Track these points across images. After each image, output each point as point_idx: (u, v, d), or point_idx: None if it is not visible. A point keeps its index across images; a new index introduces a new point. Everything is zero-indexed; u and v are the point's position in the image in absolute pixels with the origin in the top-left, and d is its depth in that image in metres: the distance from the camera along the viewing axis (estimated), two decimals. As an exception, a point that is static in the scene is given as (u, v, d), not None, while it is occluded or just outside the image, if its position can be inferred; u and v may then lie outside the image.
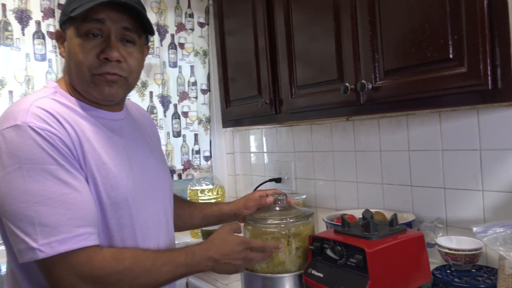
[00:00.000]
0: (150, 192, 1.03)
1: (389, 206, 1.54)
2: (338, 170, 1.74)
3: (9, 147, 0.83)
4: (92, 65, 0.92)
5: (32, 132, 0.84)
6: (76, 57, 0.93)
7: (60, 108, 0.91)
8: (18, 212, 0.82)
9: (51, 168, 0.84)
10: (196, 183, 2.07)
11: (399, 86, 1.09)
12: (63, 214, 0.83)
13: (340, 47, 1.25)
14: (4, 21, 1.71)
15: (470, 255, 1.12)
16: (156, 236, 1.03)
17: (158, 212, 1.05)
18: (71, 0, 0.94)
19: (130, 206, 0.95)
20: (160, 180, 1.09)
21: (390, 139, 1.52)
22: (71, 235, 0.83)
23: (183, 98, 2.19)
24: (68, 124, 0.89)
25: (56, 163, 0.85)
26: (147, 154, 1.08)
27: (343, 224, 1.12)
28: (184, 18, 2.19)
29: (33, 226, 0.81)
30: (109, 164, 0.93)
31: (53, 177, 0.84)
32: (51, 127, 0.86)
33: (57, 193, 0.83)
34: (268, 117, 1.61)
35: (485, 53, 0.91)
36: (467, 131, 1.28)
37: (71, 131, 0.89)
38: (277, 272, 1.14)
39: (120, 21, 0.93)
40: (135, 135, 1.07)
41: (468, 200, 1.30)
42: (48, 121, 0.87)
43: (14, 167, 0.82)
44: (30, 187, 0.82)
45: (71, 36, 0.93)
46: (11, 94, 1.72)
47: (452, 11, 0.95)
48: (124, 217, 0.95)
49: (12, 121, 0.85)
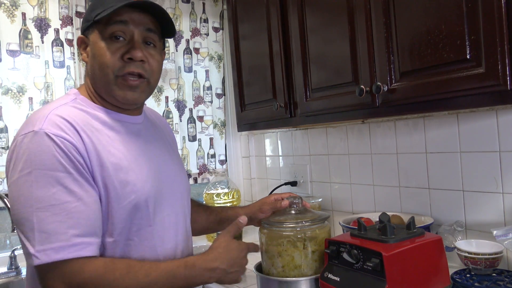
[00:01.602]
0: (168, 194, 1.04)
1: (407, 209, 1.52)
2: (354, 173, 1.73)
3: (25, 152, 0.85)
4: (116, 67, 0.94)
5: (47, 139, 0.85)
6: (100, 60, 0.95)
7: (78, 115, 0.93)
8: (22, 217, 0.84)
9: (59, 175, 0.85)
10: (211, 187, 2.08)
11: (415, 88, 1.08)
12: (63, 222, 0.83)
13: (355, 49, 1.24)
14: (24, 30, 1.76)
15: (490, 259, 1.10)
16: (174, 237, 1.04)
17: (176, 213, 1.06)
18: (94, 7, 0.97)
19: (149, 208, 0.96)
20: (178, 182, 1.10)
21: (407, 141, 1.50)
22: (67, 244, 0.83)
23: (199, 102, 2.21)
24: (84, 132, 0.91)
25: (65, 171, 0.86)
26: (165, 157, 1.09)
27: (360, 227, 1.11)
28: (199, 23, 2.21)
29: (32, 232, 0.83)
30: (127, 168, 0.94)
31: (59, 185, 0.85)
32: (66, 134, 0.88)
33: (60, 200, 0.84)
34: (283, 120, 1.61)
35: (503, 53, 0.89)
36: (486, 133, 1.26)
37: (86, 139, 0.90)
38: (293, 276, 1.14)
39: (142, 23, 0.96)
40: (153, 138, 1.09)
41: (487, 202, 1.27)
42: (64, 128, 0.88)
43: (25, 172, 0.84)
44: (35, 193, 0.83)
45: (95, 40, 0.96)
46: (31, 101, 1.76)
47: (469, 11, 0.94)
48: (143, 218, 0.96)
49: (31, 127, 0.88)
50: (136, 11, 0.96)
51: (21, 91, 1.74)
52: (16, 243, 1.79)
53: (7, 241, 1.86)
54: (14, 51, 1.73)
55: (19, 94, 1.74)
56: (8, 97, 1.72)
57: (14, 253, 1.70)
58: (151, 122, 1.14)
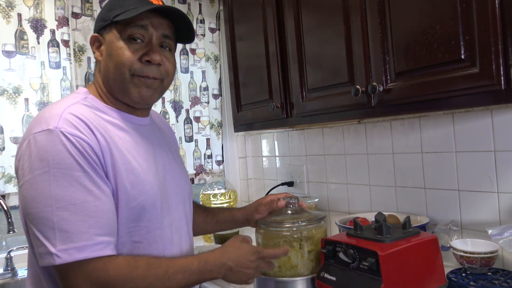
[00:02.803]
0: (173, 196, 1.05)
1: (403, 209, 1.52)
2: (350, 173, 1.73)
3: (40, 151, 0.85)
4: (133, 66, 0.95)
5: (63, 137, 0.85)
6: (117, 59, 0.96)
7: (90, 115, 0.93)
8: (41, 216, 0.83)
9: (76, 174, 0.85)
10: (208, 187, 2.08)
11: (410, 88, 1.09)
12: (84, 221, 0.84)
13: (351, 49, 1.25)
14: (20, 30, 1.75)
15: (485, 258, 1.11)
16: (179, 240, 1.05)
17: (180, 216, 1.08)
18: (112, 7, 0.97)
19: (157, 210, 0.97)
20: (181, 185, 1.11)
21: (403, 141, 1.51)
22: (90, 243, 0.83)
23: (195, 103, 2.21)
24: (98, 131, 0.91)
25: (82, 170, 0.86)
26: (170, 159, 1.10)
27: (356, 227, 1.12)
28: (195, 24, 2.21)
29: (53, 231, 0.82)
30: (138, 169, 0.95)
31: (78, 184, 0.85)
32: (82, 134, 0.87)
33: (80, 199, 0.84)
34: (280, 121, 1.61)
35: (498, 53, 0.90)
36: (481, 132, 1.27)
37: (100, 138, 0.90)
38: (289, 276, 1.14)
39: (161, 27, 0.98)
40: (158, 141, 1.09)
41: (483, 202, 1.28)
42: (79, 127, 0.88)
43: (42, 171, 0.84)
44: (54, 192, 0.83)
45: (111, 39, 0.97)
46: (27, 102, 1.75)
47: (463, 12, 0.95)
48: (152, 221, 0.96)
49: (45, 125, 0.86)
50: (156, 16, 0.97)
51: (17, 92, 1.74)
52: (12, 245, 1.79)
53: (3, 242, 1.85)
54: (10, 52, 1.73)
55: (15, 95, 1.74)
56: (4, 98, 1.71)
57: (10, 254, 1.69)
58: (156, 124, 1.15)
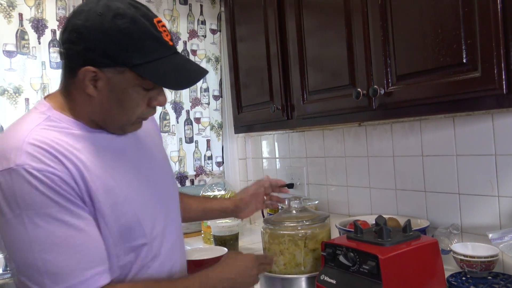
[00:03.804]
0: (160, 205, 1.00)
1: (403, 212, 1.52)
2: (350, 176, 1.73)
3: (5, 192, 0.78)
4: (142, 113, 0.91)
5: (28, 176, 0.77)
6: (129, 107, 0.88)
7: (56, 138, 0.84)
8: (24, 262, 0.79)
9: (52, 211, 0.79)
10: (208, 188, 2.08)
11: (411, 91, 1.08)
12: (71, 258, 0.79)
13: (352, 52, 1.25)
14: (21, 30, 1.75)
15: (486, 262, 1.10)
16: (170, 247, 1.00)
17: (170, 222, 1.02)
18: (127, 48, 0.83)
19: (143, 226, 0.92)
20: (168, 189, 1.06)
21: (403, 144, 1.51)
22: (82, 279, 0.80)
23: (196, 104, 2.21)
24: (65, 158, 0.82)
25: (57, 205, 0.79)
26: (153, 164, 1.03)
27: (356, 230, 1.11)
28: (196, 25, 2.21)
29: (41, 276, 0.78)
30: (116, 189, 0.88)
31: (56, 221, 0.79)
32: (49, 166, 0.79)
33: (62, 237, 0.79)
34: (280, 122, 1.61)
35: (499, 57, 0.89)
36: (482, 136, 1.27)
37: (70, 165, 0.82)
38: (294, 273, 1.19)
39: None
40: (138, 147, 1.01)
41: (483, 206, 1.28)
42: (44, 159, 0.79)
43: (14, 215, 0.78)
44: (33, 235, 0.78)
45: (120, 82, 0.85)
46: (27, 102, 1.75)
47: (465, 15, 0.95)
48: (139, 239, 0.91)
49: (5, 163, 0.78)
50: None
51: (17, 92, 1.74)
52: (11, 245, 1.78)
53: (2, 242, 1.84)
54: (11, 52, 1.73)
55: (15, 95, 1.74)
56: (5, 98, 1.71)
57: (9, 254, 1.69)
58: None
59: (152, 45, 0.84)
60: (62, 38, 0.87)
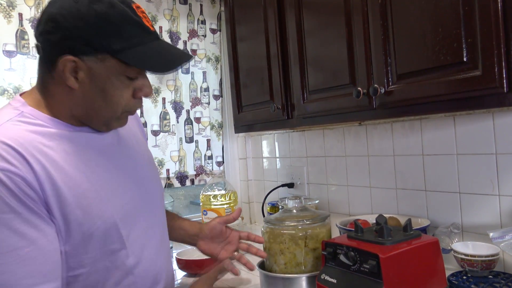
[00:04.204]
0: (142, 206, 0.95)
1: (403, 211, 1.52)
2: (351, 175, 1.73)
3: None
4: (128, 105, 0.87)
5: None
6: (113, 98, 0.84)
7: (26, 136, 0.79)
8: None
9: (5, 217, 0.72)
10: (208, 188, 2.07)
11: (412, 90, 1.08)
12: (14, 272, 0.72)
13: (352, 51, 1.24)
14: (21, 30, 1.75)
15: (487, 261, 1.10)
16: (155, 254, 0.96)
17: (152, 225, 0.97)
18: (106, 33, 0.79)
19: (120, 229, 0.87)
20: (152, 190, 1.01)
21: (404, 144, 1.51)
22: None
23: (196, 104, 2.20)
24: (34, 158, 0.77)
25: (11, 211, 0.73)
26: (136, 164, 0.99)
27: (357, 229, 1.11)
28: (196, 24, 2.21)
29: None
30: (90, 190, 0.83)
31: (6, 229, 0.72)
32: (13, 166, 0.74)
33: (10, 247, 0.73)
34: (280, 122, 1.61)
35: (500, 56, 0.89)
36: (482, 135, 1.26)
37: (37, 167, 0.77)
38: (295, 273, 1.19)
39: None
40: (121, 146, 0.97)
41: (484, 205, 1.28)
42: (9, 157, 0.74)
43: None
44: None
45: (102, 72, 0.81)
46: (27, 102, 1.75)
47: (466, 14, 0.94)
48: (115, 243, 0.86)
49: None
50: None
51: (17, 92, 1.73)
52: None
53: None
54: (11, 52, 1.73)
55: (15, 95, 1.73)
56: (4, 98, 1.71)
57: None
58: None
59: (132, 30, 0.81)
60: (38, 31, 0.82)
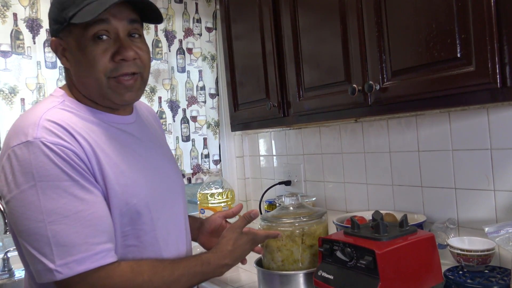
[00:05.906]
0: (167, 195, 1.02)
1: (400, 207, 1.53)
2: (347, 172, 1.74)
3: (22, 164, 0.81)
4: (107, 69, 0.88)
5: (45, 148, 0.81)
6: (88, 65, 0.88)
7: (70, 119, 0.88)
8: (34, 232, 0.80)
9: (65, 184, 0.81)
10: (205, 187, 2.07)
11: (407, 87, 1.09)
12: (80, 232, 0.81)
13: (347, 48, 1.25)
14: (16, 30, 1.74)
15: (482, 256, 1.11)
16: (175, 240, 1.02)
17: (176, 214, 1.04)
18: (64, 6, 0.88)
19: (151, 211, 0.94)
20: (174, 181, 1.08)
21: (400, 140, 1.51)
22: (89, 254, 0.81)
23: (192, 102, 2.20)
24: (80, 136, 0.86)
25: (70, 179, 0.82)
26: (160, 156, 1.07)
27: (353, 225, 1.12)
28: (191, 23, 2.20)
29: (49, 247, 0.79)
30: (127, 172, 0.91)
31: (68, 194, 0.81)
32: (64, 141, 0.83)
33: (73, 210, 0.81)
34: (277, 120, 1.61)
35: (493, 51, 0.90)
36: (477, 131, 1.27)
37: (84, 143, 0.86)
38: (292, 270, 1.20)
39: (124, 15, 0.89)
40: (147, 137, 1.05)
41: (479, 200, 1.28)
42: (60, 134, 0.83)
43: (28, 185, 0.80)
44: (45, 206, 0.80)
45: (75, 43, 0.89)
46: (23, 102, 1.75)
47: (459, 10, 0.95)
48: (146, 223, 0.93)
49: (23, 137, 0.82)
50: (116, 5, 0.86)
51: (12, 92, 1.73)
52: (9, 245, 1.78)
53: (0, 243, 1.84)
54: (6, 52, 1.72)
55: (10, 95, 1.73)
56: (0, 98, 1.70)
57: (7, 255, 1.69)
58: (143, 119, 1.10)
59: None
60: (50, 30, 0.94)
